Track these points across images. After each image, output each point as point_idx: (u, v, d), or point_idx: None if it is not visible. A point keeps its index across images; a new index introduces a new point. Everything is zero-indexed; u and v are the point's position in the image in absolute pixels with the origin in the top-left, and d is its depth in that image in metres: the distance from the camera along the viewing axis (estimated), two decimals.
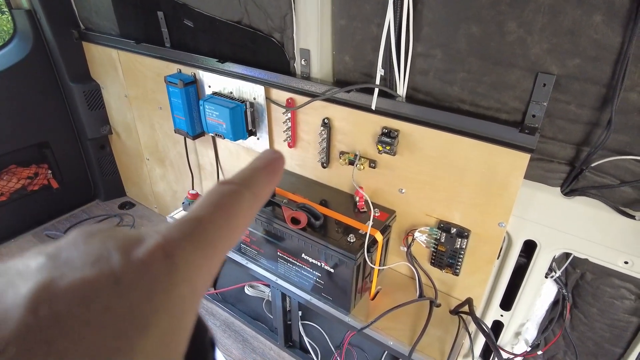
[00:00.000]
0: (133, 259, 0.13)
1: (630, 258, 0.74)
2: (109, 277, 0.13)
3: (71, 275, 0.12)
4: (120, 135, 1.58)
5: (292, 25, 0.89)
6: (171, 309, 0.13)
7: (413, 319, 0.90)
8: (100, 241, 0.14)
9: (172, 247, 0.14)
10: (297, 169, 1.05)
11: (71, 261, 0.13)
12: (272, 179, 0.20)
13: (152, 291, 0.13)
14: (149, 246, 0.14)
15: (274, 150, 0.21)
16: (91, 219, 1.64)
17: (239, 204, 0.18)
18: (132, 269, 0.13)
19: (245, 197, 0.18)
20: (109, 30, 1.33)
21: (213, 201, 0.17)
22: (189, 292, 0.14)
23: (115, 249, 0.14)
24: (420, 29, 0.75)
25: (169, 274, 0.14)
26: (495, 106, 0.75)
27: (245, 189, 0.18)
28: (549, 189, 0.79)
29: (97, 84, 1.49)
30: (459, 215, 0.84)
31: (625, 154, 0.68)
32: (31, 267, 0.13)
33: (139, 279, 0.13)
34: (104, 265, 0.13)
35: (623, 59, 0.60)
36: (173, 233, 0.15)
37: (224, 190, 0.18)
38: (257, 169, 0.20)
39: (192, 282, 0.14)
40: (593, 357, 0.91)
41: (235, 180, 0.18)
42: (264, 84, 0.97)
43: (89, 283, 0.12)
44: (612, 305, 0.83)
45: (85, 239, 0.14)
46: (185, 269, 0.14)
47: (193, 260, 0.15)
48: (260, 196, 0.19)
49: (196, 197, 1.13)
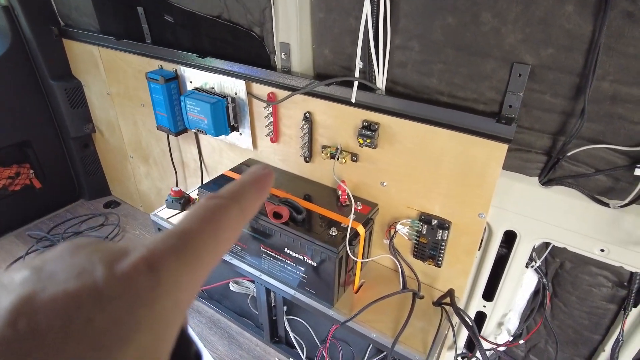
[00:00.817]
0: (116, 271, 0.13)
1: (606, 246, 0.76)
2: (91, 290, 0.13)
3: (53, 289, 0.12)
4: (104, 134, 1.57)
5: (271, 19, 0.88)
6: (153, 323, 0.13)
7: (396, 311, 0.90)
8: (85, 254, 0.14)
9: (157, 261, 0.14)
10: (280, 164, 1.05)
11: (55, 274, 0.13)
12: (260, 194, 0.20)
13: (135, 304, 0.13)
14: (133, 259, 0.14)
15: (263, 166, 0.21)
16: (75, 218, 1.62)
17: (226, 218, 0.18)
18: (114, 282, 0.13)
19: (232, 211, 0.18)
20: (89, 27, 1.31)
21: (200, 215, 0.17)
22: (171, 306, 0.14)
23: (99, 261, 0.14)
24: (398, 21, 0.75)
25: (152, 287, 0.14)
26: (472, 97, 0.75)
27: (233, 203, 0.18)
28: (528, 179, 0.79)
29: (78, 82, 1.47)
30: (439, 206, 0.85)
31: (599, 143, 0.69)
32: (15, 280, 0.13)
33: (122, 292, 0.13)
34: (87, 278, 0.13)
35: (594, 48, 0.61)
36: (158, 246, 0.15)
37: (212, 204, 0.18)
38: (246, 184, 0.20)
39: (175, 295, 0.14)
40: (573, 344, 0.93)
41: (223, 194, 0.19)
42: (245, 79, 0.97)
43: (70, 296, 0.12)
44: (590, 293, 0.85)
45: (71, 252, 0.14)
46: (169, 283, 0.14)
47: (178, 273, 0.15)
48: (247, 211, 0.19)
49: (179, 194, 1.12)
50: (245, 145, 1.07)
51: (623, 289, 0.80)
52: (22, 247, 1.47)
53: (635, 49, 0.59)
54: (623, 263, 0.76)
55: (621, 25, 0.59)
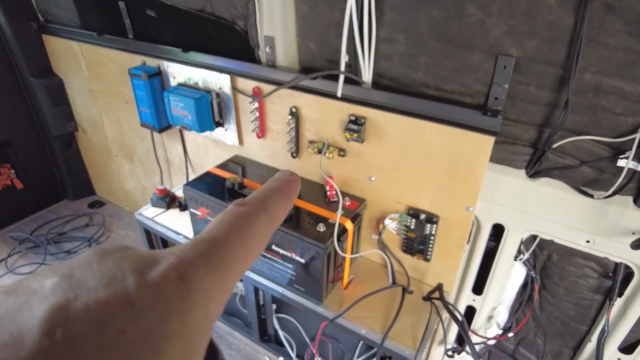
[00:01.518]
0: (147, 280, 0.13)
1: (591, 237, 0.76)
2: (123, 300, 0.12)
3: (85, 297, 0.12)
4: (87, 132, 1.53)
5: (255, 12, 0.87)
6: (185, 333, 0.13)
7: (386, 306, 0.90)
8: (114, 262, 0.14)
9: (187, 269, 0.14)
10: (268, 160, 1.04)
11: (85, 282, 0.13)
12: (288, 201, 0.20)
13: (167, 315, 0.13)
14: (164, 268, 0.14)
15: (289, 172, 0.21)
16: (59, 219, 1.59)
17: (255, 226, 0.17)
18: (146, 292, 0.13)
19: (261, 219, 0.18)
20: (69, 22, 1.28)
21: (229, 222, 0.17)
22: (203, 316, 0.14)
23: (129, 270, 0.13)
24: (383, 14, 0.75)
25: (184, 297, 0.13)
26: (458, 90, 0.75)
27: (262, 210, 0.18)
28: (515, 171, 0.80)
29: (59, 79, 1.44)
30: (427, 201, 0.85)
31: (584, 134, 0.69)
32: (46, 287, 0.13)
33: (154, 301, 0.13)
34: (118, 287, 0.13)
35: (576, 39, 0.61)
36: (188, 254, 0.15)
37: (240, 212, 0.17)
38: (273, 190, 0.19)
39: (206, 305, 0.14)
40: (561, 335, 0.93)
41: (252, 201, 0.18)
42: (229, 73, 0.95)
43: (103, 305, 0.12)
44: (577, 284, 0.85)
45: (98, 259, 0.14)
46: (199, 292, 0.14)
47: (208, 282, 0.14)
48: (275, 218, 0.19)
49: (164, 192, 1.10)
50: (231, 142, 1.05)
51: (608, 280, 0.81)
52: (4, 249, 1.44)
53: (616, 41, 0.59)
54: (608, 254, 0.76)
55: (602, 17, 0.59)
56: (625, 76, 0.61)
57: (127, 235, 1.53)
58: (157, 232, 1.08)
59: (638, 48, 0.58)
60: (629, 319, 0.80)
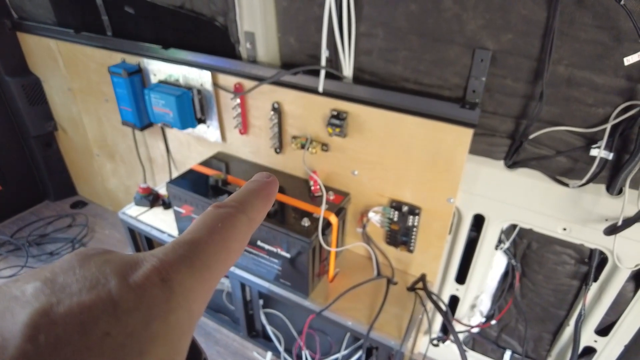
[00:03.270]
0: (130, 283, 0.13)
1: (568, 225, 0.79)
2: (106, 302, 0.12)
3: (68, 301, 0.12)
4: (67, 131, 1.51)
5: (234, 8, 0.86)
6: (168, 335, 0.13)
7: (371, 298, 0.91)
8: (96, 265, 0.14)
9: (169, 271, 0.14)
10: (251, 156, 1.04)
11: (68, 286, 0.13)
12: (266, 202, 0.20)
13: (150, 317, 0.13)
14: (146, 270, 0.14)
15: (267, 174, 0.21)
16: (41, 220, 1.56)
17: (235, 227, 0.17)
18: (129, 294, 0.13)
19: (241, 220, 0.18)
20: (45, 19, 1.25)
21: (208, 224, 0.17)
22: (185, 317, 0.14)
23: (112, 273, 0.13)
24: (361, 8, 0.75)
25: (166, 299, 0.14)
26: (437, 83, 0.76)
27: (241, 212, 0.18)
28: (494, 162, 0.81)
29: (36, 77, 1.41)
30: (409, 193, 0.86)
31: (558, 125, 0.71)
32: (27, 292, 0.13)
33: (137, 304, 0.13)
34: (102, 291, 0.13)
35: (549, 33, 0.62)
36: (169, 256, 0.15)
37: (220, 214, 0.18)
38: (252, 192, 0.19)
39: (188, 306, 0.14)
40: (541, 321, 0.96)
41: (231, 203, 0.18)
42: (210, 70, 0.95)
43: (87, 309, 0.12)
44: (556, 271, 0.88)
45: (80, 262, 0.14)
46: (181, 294, 0.14)
47: (189, 284, 0.15)
48: (255, 220, 0.19)
49: (147, 191, 1.09)
50: (214, 138, 1.05)
51: (584, 265, 0.84)
52: None
53: (586, 34, 0.61)
54: (583, 240, 0.79)
55: (572, 12, 0.60)
56: (595, 68, 0.63)
57: (111, 235, 1.51)
58: (142, 231, 1.07)
59: (607, 41, 0.60)
60: (604, 303, 0.83)
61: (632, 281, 0.80)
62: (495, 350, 1.07)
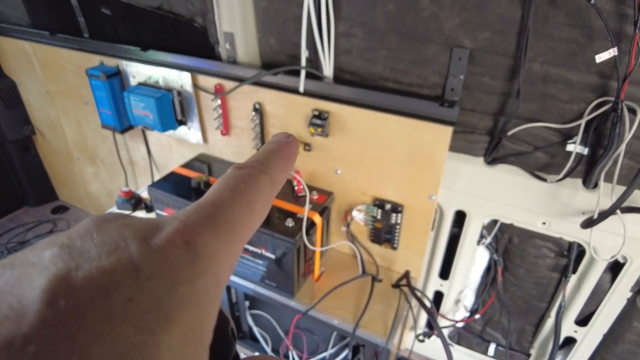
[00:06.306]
0: (152, 247, 0.12)
1: (547, 219, 0.80)
2: (127, 267, 0.12)
3: (88, 266, 0.11)
4: (45, 135, 1.47)
5: (213, 9, 0.86)
6: (196, 301, 0.13)
7: (357, 296, 0.91)
8: (115, 229, 0.13)
9: (192, 234, 0.13)
10: (233, 157, 1.03)
11: (86, 251, 0.12)
12: (288, 163, 0.19)
13: (175, 282, 0.12)
14: (168, 233, 0.13)
15: (286, 134, 0.20)
16: (20, 227, 1.52)
17: (258, 188, 0.17)
18: (152, 258, 0.12)
19: (263, 181, 0.17)
20: (18, 21, 1.22)
21: (231, 185, 0.16)
22: (212, 282, 0.13)
23: (132, 236, 0.13)
24: (340, 8, 0.75)
25: (192, 263, 0.13)
26: (416, 82, 0.77)
27: (263, 173, 0.17)
28: (473, 159, 0.82)
29: (11, 81, 1.37)
30: (391, 191, 0.87)
31: (536, 121, 0.72)
32: (44, 257, 0.12)
33: (160, 268, 0.12)
34: (122, 255, 0.12)
35: (524, 31, 0.63)
36: (192, 218, 0.14)
37: (242, 174, 0.17)
38: (273, 152, 0.18)
39: (215, 270, 0.14)
40: (524, 314, 0.98)
41: (252, 164, 0.17)
42: (190, 71, 0.94)
43: (107, 273, 0.11)
44: (536, 264, 0.90)
45: (98, 227, 0.13)
46: (207, 257, 0.13)
47: (215, 247, 0.14)
48: (277, 181, 0.18)
49: (129, 194, 1.08)
50: (195, 140, 1.04)
51: (564, 258, 0.86)
52: None
53: (560, 32, 0.62)
54: (562, 233, 0.81)
55: (546, 10, 0.61)
56: (569, 65, 0.65)
57: None
58: None
59: (579, 39, 0.62)
60: (583, 294, 0.85)
61: (609, 272, 0.82)
62: (480, 343, 1.08)
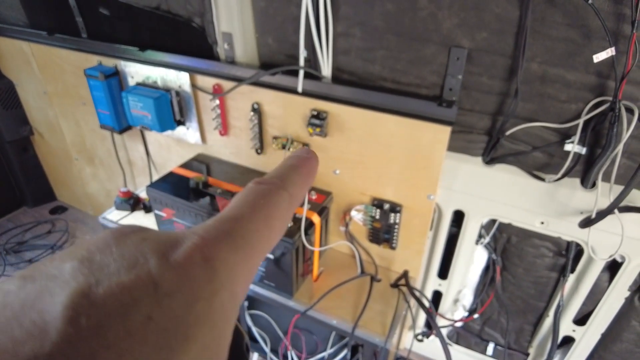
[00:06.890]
0: (171, 262, 0.12)
1: (545, 218, 0.80)
2: (147, 283, 0.12)
3: (107, 282, 0.11)
4: (44, 135, 1.47)
5: (211, 9, 0.85)
6: (213, 318, 0.13)
7: (356, 296, 0.92)
8: (134, 243, 0.13)
9: (211, 250, 0.13)
10: (232, 158, 1.03)
11: (106, 266, 0.12)
12: (308, 179, 0.19)
13: (193, 299, 0.12)
14: (187, 249, 0.13)
15: (307, 149, 0.20)
16: (18, 227, 1.52)
17: (277, 204, 0.17)
18: (171, 274, 0.12)
19: (283, 197, 0.17)
20: (16, 21, 1.22)
21: (250, 200, 0.16)
22: (229, 299, 0.13)
23: (151, 252, 0.13)
24: (339, 8, 0.75)
25: (210, 279, 0.13)
26: (415, 82, 0.77)
27: (282, 189, 0.17)
28: (472, 159, 0.83)
29: (9, 81, 1.37)
30: (390, 191, 0.87)
31: (534, 121, 0.72)
32: (65, 271, 0.12)
33: (179, 285, 0.12)
34: (141, 271, 0.12)
35: (522, 31, 0.63)
36: (211, 233, 0.14)
37: (262, 190, 0.17)
38: (293, 168, 0.18)
39: (232, 287, 0.14)
40: (522, 313, 0.98)
41: (272, 180, 0.17)
42: (188, 71, 0.93)
43: (127, 290, 0.11)
44: (535, 263, 0.90)
45: (117, 241, 0.13)
46: (224, 274, 0.13)
47: (232, 263, 0.14)
48: (296, 197, 0.18)
49: (128, 194, 1.08)
50: (194, 140, 1.04)
51: (562, 258, 0.86)
52: None
53: (557, 32, 0.62)
54: (560, 233, 0.81)
55: (543, 10, 0.61)
56: (567, 65, 0.65)
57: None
58: None
59: (577, 39, 0.62)
60: (581, 293, 0.85)
61: (607, 271, 0.83)
62: (479, 343, 1.09)
